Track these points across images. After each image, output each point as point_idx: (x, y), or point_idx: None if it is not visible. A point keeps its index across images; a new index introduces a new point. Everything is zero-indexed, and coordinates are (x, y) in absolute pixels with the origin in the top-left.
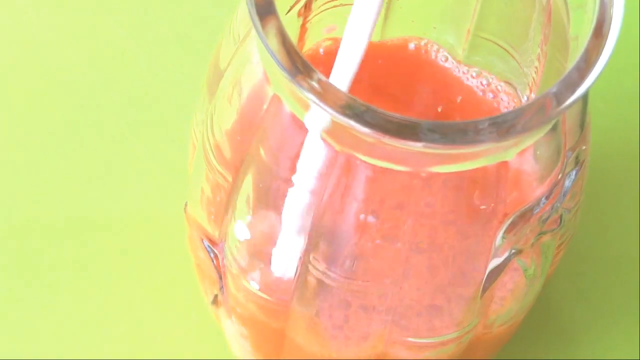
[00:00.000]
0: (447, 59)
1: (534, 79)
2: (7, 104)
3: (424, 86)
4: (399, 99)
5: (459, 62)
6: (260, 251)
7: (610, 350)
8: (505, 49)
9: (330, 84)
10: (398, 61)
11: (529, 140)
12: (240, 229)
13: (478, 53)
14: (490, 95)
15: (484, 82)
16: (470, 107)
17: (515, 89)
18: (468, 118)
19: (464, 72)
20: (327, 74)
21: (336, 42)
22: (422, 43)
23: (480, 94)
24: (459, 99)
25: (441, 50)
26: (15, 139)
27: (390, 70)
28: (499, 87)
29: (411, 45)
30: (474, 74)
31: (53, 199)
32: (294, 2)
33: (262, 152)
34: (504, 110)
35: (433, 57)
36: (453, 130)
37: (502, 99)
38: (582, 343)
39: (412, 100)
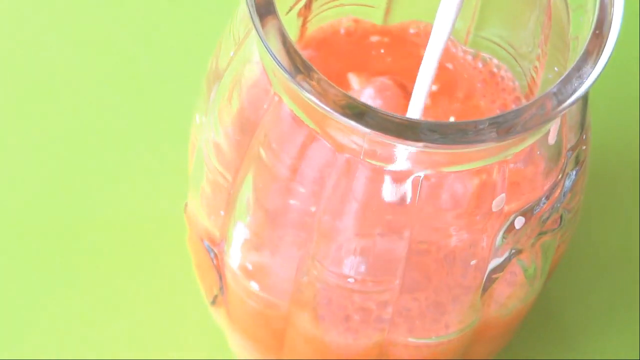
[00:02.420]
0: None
1: (534, 79)
2: (7, 103)
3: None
4: (402, 79)
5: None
6: (260, 251)
7: (611, 350)
8: (505, 49)
9: (330, 84)
10: (399, 43)
11: (529, 140)
12: (240, 229)
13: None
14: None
15: (484, 63)
16: (470, 87)
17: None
18: (467, 98)
19: (464, 52)
20: (347, 52)
21: (358, 23)
22: (422, 26)
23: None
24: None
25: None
26: (15, 139)
27: (391, 53)
28: (498, 69)
29: (411, 30)
30: (474, 57)
31: (53, 199)
32: (294, 2)
33: (262, 152)
34: (502, 92)
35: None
36: (453, 130)
37: (498, 73)
38: (582, 343)
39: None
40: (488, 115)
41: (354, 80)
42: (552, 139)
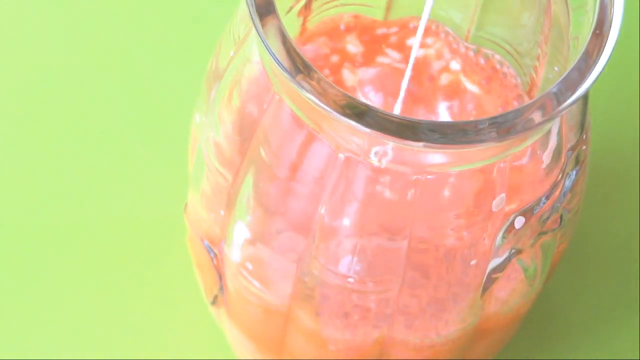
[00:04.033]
0: (447, 34)
1: (534, 79)
2: (7, 103)
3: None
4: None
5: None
6: (260, 251)
7: (610, 350)
8: (505, 49)
9: (330, 84)
10: (399, 38)
11: (529, 140)
12: (240, 229)
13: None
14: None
15: (486, 59)
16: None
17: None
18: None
19: (466, 48)
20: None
21: (357, 19)
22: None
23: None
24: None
25: (441, 26)
26: (16, 139)
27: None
28: (500, 64)
29: (412, 25)
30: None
31: (53, 199)
32: (294, 2)
33: (262, 152)
34: (504, 88)
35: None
36: (453, 130)
37: (500, 70)
38: (582, 343)
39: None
40: (491, 113)
41: (346, 73)
42: (552, 139)
